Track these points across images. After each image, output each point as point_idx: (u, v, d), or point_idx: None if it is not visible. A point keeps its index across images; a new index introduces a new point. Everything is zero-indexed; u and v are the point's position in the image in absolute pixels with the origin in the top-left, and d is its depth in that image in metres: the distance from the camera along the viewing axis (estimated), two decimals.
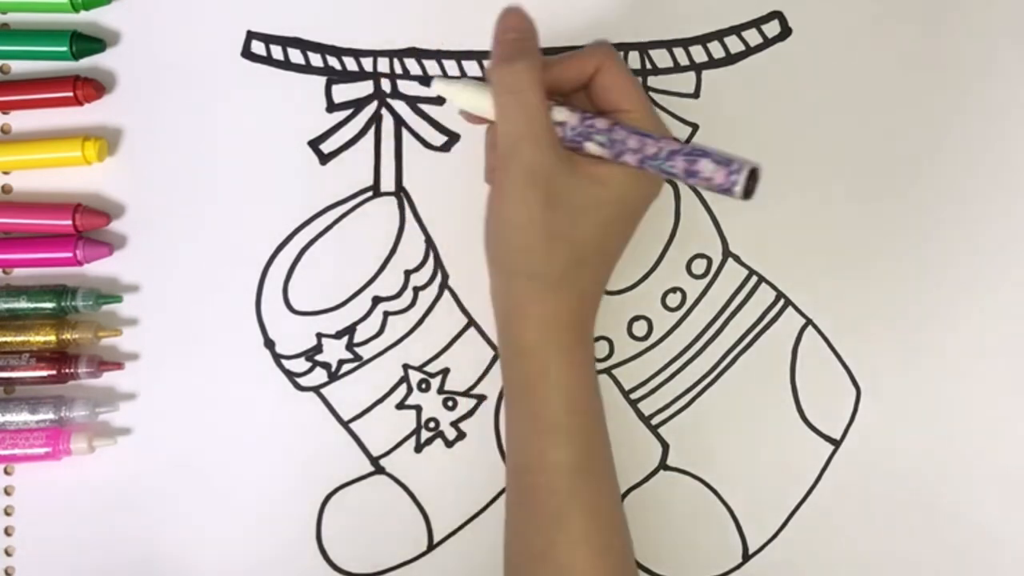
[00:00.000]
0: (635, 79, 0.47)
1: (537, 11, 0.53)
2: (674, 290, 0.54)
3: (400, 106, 0.54)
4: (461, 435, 0.54)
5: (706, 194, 0.54)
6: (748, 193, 0.43)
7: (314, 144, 0.54)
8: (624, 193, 0.46)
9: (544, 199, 0.45)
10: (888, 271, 0.54)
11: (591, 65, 0.47)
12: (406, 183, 0.54)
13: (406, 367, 0.54)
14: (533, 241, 0.46)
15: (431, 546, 0.54)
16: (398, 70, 0.54)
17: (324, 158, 0.54)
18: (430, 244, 0.54)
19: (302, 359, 0.54)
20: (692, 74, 0.54)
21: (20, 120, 0.54)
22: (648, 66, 0.54)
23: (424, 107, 0.54)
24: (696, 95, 0.54)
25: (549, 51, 0.54)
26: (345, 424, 0.54)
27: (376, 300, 0.54)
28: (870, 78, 0.54)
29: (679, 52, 0.54)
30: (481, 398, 0.54)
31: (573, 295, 0.46)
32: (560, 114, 0.46)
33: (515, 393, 0.48)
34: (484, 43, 0.53)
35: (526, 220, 0.45)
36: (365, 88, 0.54)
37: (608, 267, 0.48)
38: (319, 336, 0.54)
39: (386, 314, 0.54)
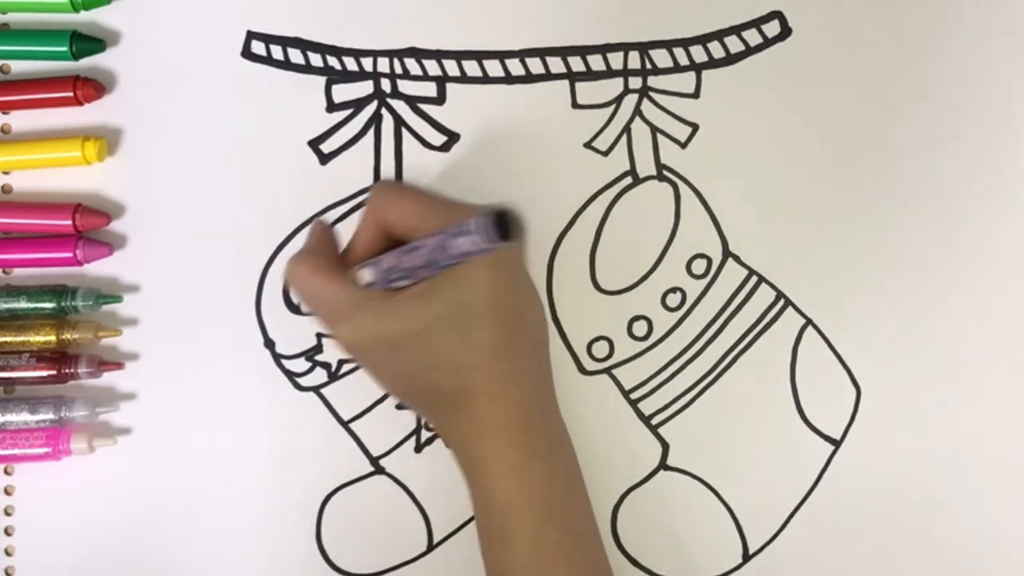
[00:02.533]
0: (412, 194, 0.48)
1: (538, 11, 0.54)
2: (674, 290, 0.54)
3: (400, 106, 0.54)
4: None
5: (706, 194, 0.54)
6: (506, 235, 0.43)
7: (314, 144, 0.54)
8: (452, 296, 0.45)
9: (386, 350, 0.46)
10: (888, 271, 0.54)
11: (378, 215, 0.47)
12: (406, 183, 0.54)
13: None
14: (407, 383, 0.47)
15: (431, 546, 0.54)
16: (398, 70, 0.54)
17: (324, 158, 0.54)
18: None
19: (302, 359, 0.54)
20: (692, 74, 0.54)
21: (20, 120, 0.54)
22: (648, 66, 0.54)
23: (424, 107, 0.54)
24: (696, 95, 0.54)
25: (549, 51, 0.54)
26: (345, 424, 0.54)
27: None
28: (870, 78, 0.54)
29: (679, 52, 0.54)
30: None
31: (476, 405, 0.45)
32: (365, 276, 0.47)
33: (472, 505, 0.48)
34: (484, 43, 0.54)
35: (387, 376, 0.47)
36: (365, 88, 0.54)
37: (508, 360, 0.46)
38: (319, 336, 0.54)
39: None
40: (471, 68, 0.54)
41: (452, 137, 0.54)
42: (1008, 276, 0.54)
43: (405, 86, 0.54)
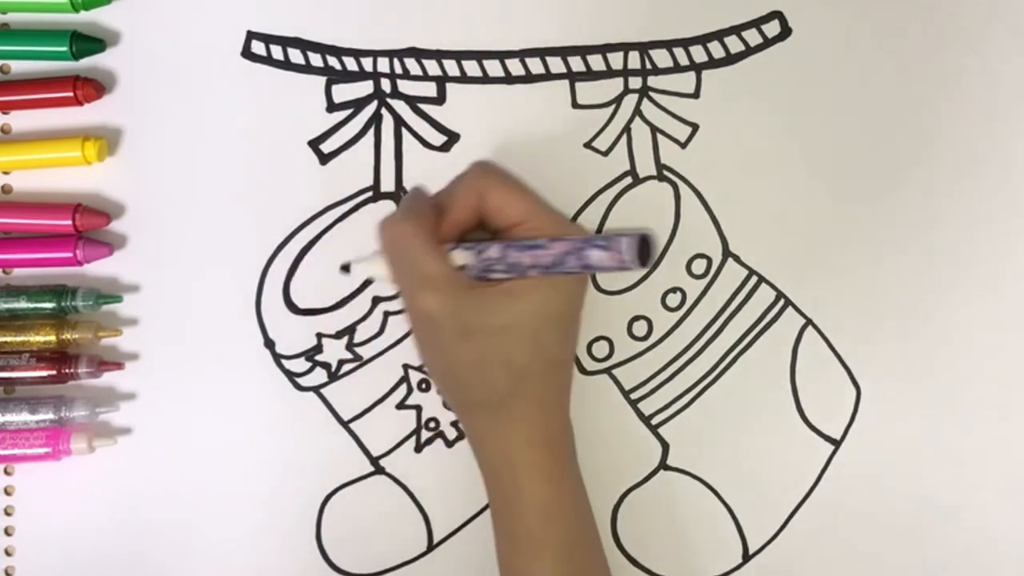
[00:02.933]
0: (518, 188, 0.47)
1: (538, 11, 0.54)
2: (674, 290, 0.54)
3: (400, 106, 0.54)
4: (461, 435, 0.54)
5: (706, 194, 0.54)
6: (644, 260, 0.43)
7: (314, 144, 0.54)
8: (543, 303, 0.46)
9: (458, 333, 0.46)
10: (889, 271, 0.54)
11: (474, 197, 0.47)
12: (406, 183, 0.54)
13: (406, 367, 0.54)
14: (461, 375, 0.47)
15: (431, 546, 0.54)
16: (398, 70, 0.54)
17: (324, 158, 0.54)
18: None
19: (302, 359, 0.54)
20: (692, 74, 0.54)
21: (20, 120, 0.54)
22: (648, 66, 0.54)
23: (424, 107, 0.54)
24: (696, 95, 0.54)
25: (549, 51, 0.54)
26: (345, 424, 0.54)
27: (376, 300, 0.54)
28: (870, 78, 0.54)
29: (679, 52, 0.54)
30: None
31: (527, 412, 0.46)
32: (459, 258, 0.47)
33: (493, 510, 0.49)
34: (484, 43, 0.54)
35: (443, 359, 0.47)
36: (365, 88, 0.54)
37: (560, 374, 0.48)
38: (319, 336, 0.54)
39: (386, 314, 0.54)
40: (471, 68, 0.54)
41: (452, 137, 0.54)
42: (1008, 276, 0.54)
43: (405, 86, 0.54)
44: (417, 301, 0.46)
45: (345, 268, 0.50)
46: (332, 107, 0.54)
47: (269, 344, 0.54)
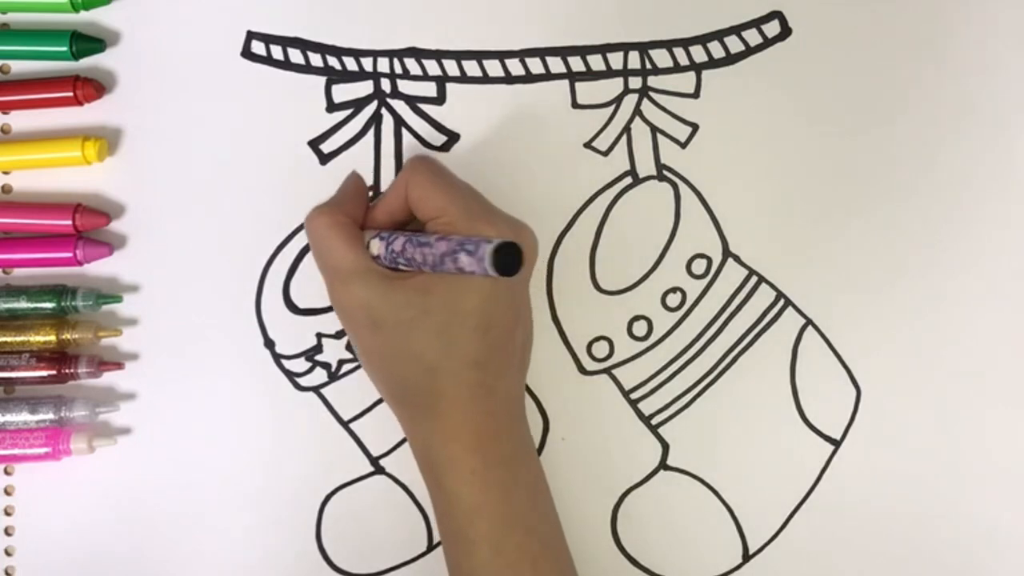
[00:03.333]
0: (441, 181, 0.48)
1: (538, 11, 0.54)
2: (674, 290, 0.54)
3: (400, 106, 0.54)
4: None
5: (706, 194, 0.54)
6: (507, 269, 0.42)
7: (314, 144, 0.54)
8: (453, 299, 0.45)
9: (369, 325, 0.46)
10: (888, 271, 0.54)
11: (403, 189, 0.48)
12: None
13: None
14: (378, 368, 0.47)
15: (431, 546, 0.54)
16: (398, 70, 0.54)
17: (324, 158, 0.54)
18: None
19: (302, 359, 0.54)
20: (692, 74, 0.54)
21: (20, 120, 0.54)
22: (648, 66, 0.54)
23: (424, 107, 0.54)
24: (696, 95, 0.54)
25: (549, 51, 0.54)
26: (345, 424, 0.54)
27: None
28: (870, 78, 0.54)
29: (679, 52, 0.54)
30: None
31: (444, 409, 0.46)
32: (374, 247, 0.48)
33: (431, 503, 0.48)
34: (484, 43, 0.54)
35: (362, 349, 0.48)
36: (365, 88, 0.54)
37: (481, 373, 0.46)
38: (319, 336, 0.54)
39: None
40: (471, 68, 0.54)
41: (452, 137, 0.54)
42: (1008, 276, 0.54)
43: (405, 86, 0.54)
44: (333, 292, 0.48)
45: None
46: (332, 107, 0.54)
47: (269, 344, 0.54)
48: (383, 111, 0.54)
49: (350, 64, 0.54)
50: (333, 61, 0.54)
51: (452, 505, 0.46)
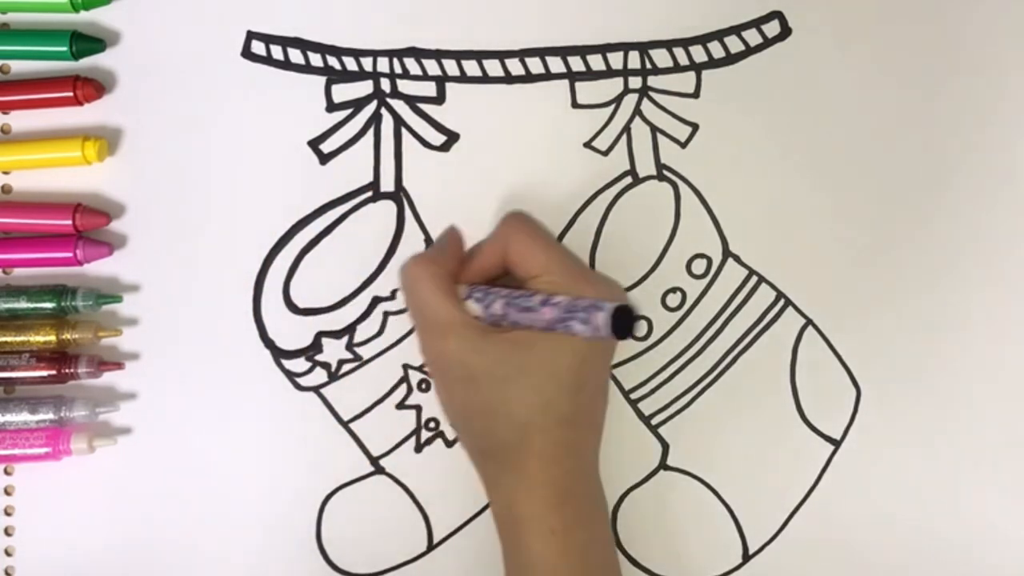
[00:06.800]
0: (541, 240, 0.47)
1: (538, 11, 0.54)
2: (674, 290, 0.54)
3: (400, 106, 0.54)
4: None
5: (706, 194, 0.54)
6: (624, 332, 0.43)
7: (314, 144, 0.54)
8: (550, 357, 0.45)
9: (463, 379, 0.46)
10: (888, 270, 0.54)
11: (501, 245, 0.48)
12: (406, 183, 0.54)
13: (406, 367, 0.54)
14: (467, 421, 0.47)
15: (431, 546, 0.54)
16: (398, 70, 0.54)
17: (324, 158, 0.54)
18: (429, 244, 0.54)
19: (302, 359, 0.54)
20: (692, 74, 0.54)
21: (20, 120, 0.54)
22: (648, 66, 0.54)
23: (424, 107, 0.54)
24: (696, 95, 0.54)
25: (549, 51, 0.54)
26: (345, 424, 0.54)
27: (376, 300, 0.54)
28: (870, 78, 0.54)
29: (679, 52, 0.54)
30: None
31: (530, 466, 0.46)
32: (471, 309, 0.47)
33: (503, 557, 0.48)
34: (484, 43, 0.54)
35: (452, 402, 0.47)
36: (365, 88, 0.54)
37: (571, 431, 0.46)
38: (319, 336, 0.54)
39: (386, 314, 0.54)
40: (471, 68, 0.54)
41: (452, 137, 0.54)
42: (1008, 276, 0.54)
43: (405, 86, 0.54)
44: (427, 344, 0.47)
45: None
46: (332, 107, 0.54)
47: (269, 344, 0.54)
48: (383, 111, 0.54)
49: (350, 64, 0.54)
50: (333, 61, 0.54)
51: (529, 565, 0.46)
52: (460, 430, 0.49)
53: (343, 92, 0.54)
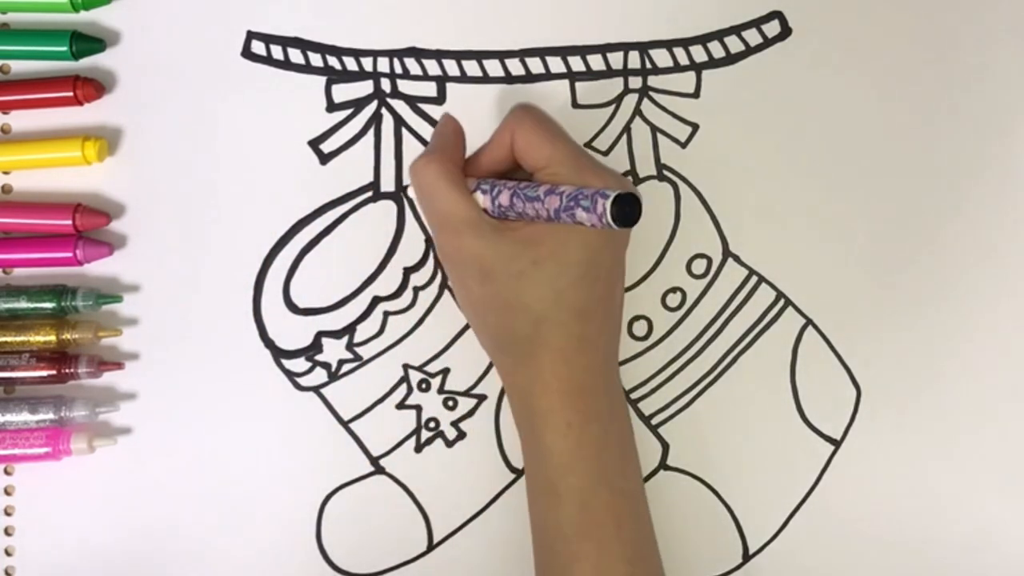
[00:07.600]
0: (547, 131, 0.47)
1: (539, 11, 0.54)
2: (674, 290, 0.54)
3: (400, 106, 0.54)
4: (461, 435, 0.54)
5: (706, 194, 0.54)
6: (628, 220, 0.43)
7: (314, 144, 0.54)
8: (562, 250, 0.46)
9: (478, 275, 0.46)
10: (888, 270, 0.54)
11: (508, 138, 0.48)
12: (406, 183, 0.54)
13: (406, 367, 0.54)
14: (484, 317, 0.47)
15: (431, 546, 0.54)
16: (398, 70, 0.54)
17: (324, 158, 0.54)
18: (430, 244, 0.54)
19: (302, 359, 0.54)
20: (692, 74, 0.54)
21: (20, 120, 0.54)
22: (648, 66, 0.54)
23: (424, 107, 0.54)
24: (696, 95, 0.54)
25: (549, 51, 0.54)
26: (345, 424, 0.54)
27: (376, 300, 0.54)
28: (870, 78, 0.54)
29: (679, 52, 0.54)
30: (481, 398, 0.54)
31: (546, 359, 0.46)
32: (480, 200, 0.47)
33: (523, 454, 0.49)
34: (484, 43, 0.54)
35: (468, 298, 0.48)
36: (365, 88, 0.54)
37: (586, 324, 0.46)
38: (319, 335, 0.54)
39: (386, 314, 0.54)
40: (471, 68, 0.54)
41: None
42: (1008, 276, 0.54)
43: (405, 86, 0.54)
44: (442, 241, 0.48)
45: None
46: (332, 107, 0.54)
47: (269, 344, 0.54)
48: (383, 111, 0.54)
49: (350, 64, 0.54)
50: (333, 61, 0.54)
51: (545, 458, 0.46)
52: (477, 326, 0.49)
53: (343, 92, 0.54)
